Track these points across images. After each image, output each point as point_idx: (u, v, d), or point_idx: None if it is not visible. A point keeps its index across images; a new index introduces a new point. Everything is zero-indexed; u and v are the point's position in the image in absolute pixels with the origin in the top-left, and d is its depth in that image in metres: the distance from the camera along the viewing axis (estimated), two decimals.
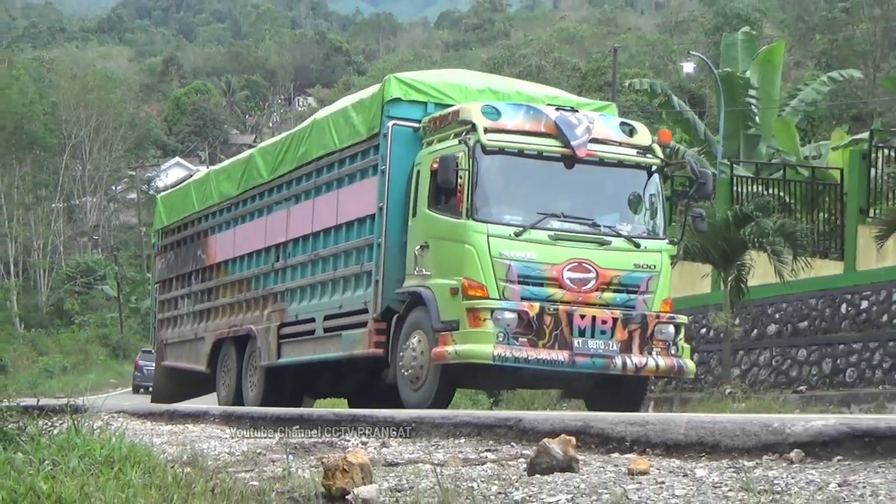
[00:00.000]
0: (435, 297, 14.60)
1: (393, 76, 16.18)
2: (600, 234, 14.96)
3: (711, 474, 6.94)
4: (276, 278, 19.15)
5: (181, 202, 23.96)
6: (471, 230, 14.31)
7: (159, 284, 24.83)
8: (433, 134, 15.58)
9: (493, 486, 6.93)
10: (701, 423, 8.39)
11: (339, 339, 16.78)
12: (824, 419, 7.82)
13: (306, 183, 18.41)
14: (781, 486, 6.38)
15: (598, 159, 14.95)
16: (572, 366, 14.19)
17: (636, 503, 6.11)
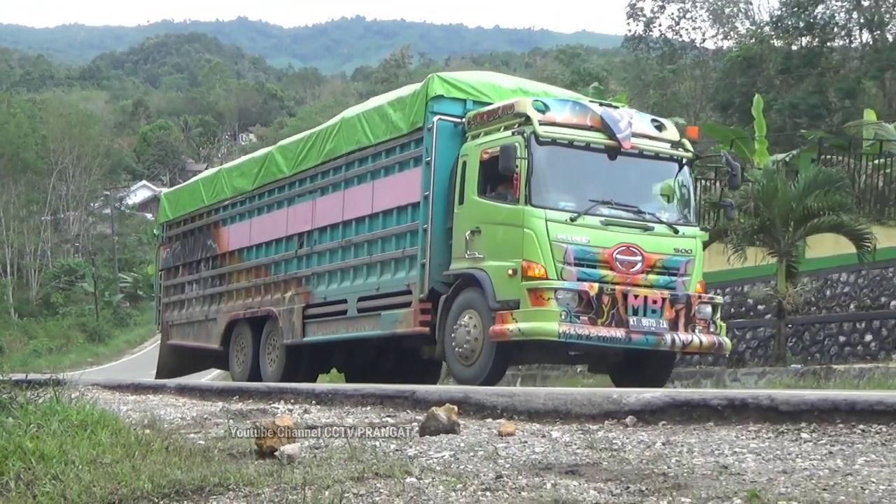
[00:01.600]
0: (490, 279, 13.04)
1: (436, 75, 14.71)
2: (644, 220, 13.58)
3: (564, 435, 7.01)
4: (300, 264, 17.28)
5: (188, 198, 21.96)
6: (529, 215, 12.80)
7: (164, 272, 22.60)
8: (479, 127, 13.98)
9: (392, 444, 6.95)
10: (556, 395, 8.47)
11: (378, 318, 15.04)
12: (652, 392, 7.93)
13: (334, 176, 16.55)
14: (618, 445, 6.47)
15: (639, 151, 13.69)
16: (628, 342, 12.86)
17: (504, 458, 6.14)
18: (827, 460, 5.49)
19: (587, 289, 12.58)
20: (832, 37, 35.51)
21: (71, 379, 10.44)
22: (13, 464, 6.10)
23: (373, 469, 5.81)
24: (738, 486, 4.97)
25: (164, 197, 23.71)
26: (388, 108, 15.33)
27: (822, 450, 5.81)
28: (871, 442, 5.89)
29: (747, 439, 6.34)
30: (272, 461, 6.27)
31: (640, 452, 6.11)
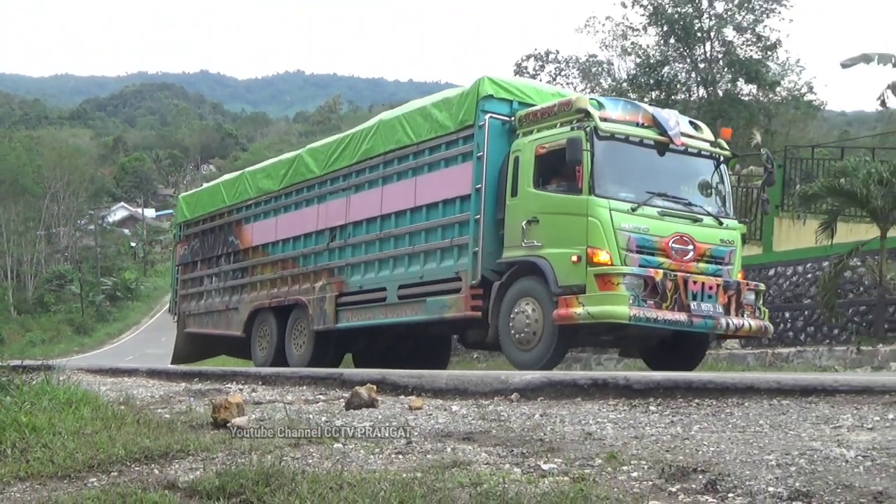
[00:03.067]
0: (552, 265, 11.40)
1: (485, 76, 12.97)
2: (694, 212, 12.11)
3: (462, 409, 7.02)
4: (332, 256, 15.34)
5: (208, 199, 19.77)
6: (594, 204, 11.23)
7: (181, 267, 20.24)
8: (531, 125, 12.29)
9: (323, 416, 6.92)
10: (456, 377, 8.47)
11: (423, 304, 13.23)
12: (532, 374, 7.96)
13: (371, 174, 14.67)
14: (505, 416, 6.49)
15: (685, 148, 12.26)
16: (690, 325, 11.42)
17: (413, 427, 6.15)
18: (669, 428, 5.57)
19: (653, 274, 11.18)
20: (675, 92, 36.01)
21: (59, 365, 10.37)
22: (10, 435, 6.01)
23: (307, 437, 5.79)
24: (599, 448, 5.04)
25: (181, 199, 21.43)
26: (432, 108, 13.69)
27: (665, 419, 5.90)
28: (703, 413, 5.98)
29: (607, 411, 6.40)
30: (225, 431, 6.21)
31: (523, 422, 6.15)
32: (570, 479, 4.39)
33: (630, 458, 4.72)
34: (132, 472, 5.11)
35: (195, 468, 5.07)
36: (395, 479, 4.40)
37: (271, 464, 4.76)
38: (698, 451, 4.76)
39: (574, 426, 5.86)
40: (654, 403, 6.48)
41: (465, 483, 4.30)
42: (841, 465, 4.21)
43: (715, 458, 4.55)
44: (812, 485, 3.95)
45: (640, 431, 5.50)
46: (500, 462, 4.90)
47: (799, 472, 4.15)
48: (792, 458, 4.38)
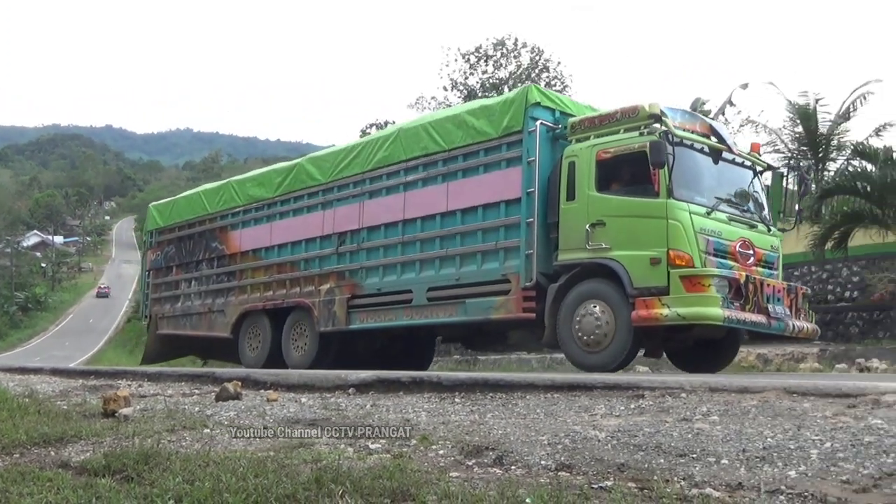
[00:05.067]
0: (625, 267, 9.33)
1: (532, 85, 11.14)
2: (751, 219, 10.33)
3: (309, 401, 6.91)
4: (342, 259, 12.78)
5: (185, 207, 16.68)
6: (675, 207, 9.28)
7: (152, 271, 17.08)
8: (586, 131, 10.20)
9: (196, 407, 6.71)
10: (306, 375, 8.36)
11: (461, 305, 10.93)
12: (366, 372, 7.91)
13: (389, 180, 12.24)
14: (343, 406, 6.42)
15: (734, 158, 10.46)
16: (769, 328, 9.60)
17: (270, 415, 6.03)
18: (469, 416, 5.62)
19: (737, 277, 9.33)
20: None
21: None
22: None
23: (182, 424, 5.61)
24: (415, 432, 5.04)
25: (152, 208, 18.05)
26: (466, 116, 11.44)
27: (467, 409, 5.94)
28: (496, 404, 6.05)
29: (423, 403, 6.41)
30: (113, 420, 5.95)
31: (357, 411, 6.10)
32: (391, 455, 4.38)
33: (438, 439, 4.74)
34: (32, 453, 4.82)
35: (86, 450, 4.82)
36: (252, 457, 4.30)
37: (150, 446, 4.57)
38: (490, 434, 4.83)
39: (397, 414, 5.85)
40: (458, 396, 6.53)
41: (309, 460, 4.24)
42: (595, 443, 4.34)
43: (503, 439, 4.62)
44: (573, 458, 4.06)
45: (447, 418, 5.53)
46: (337, 443, 4.84)
47: (564, 449, 4.25)
48: (559, 439, 4.48)
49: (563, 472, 3.85)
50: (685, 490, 3.41)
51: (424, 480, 3.69)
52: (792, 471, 3.56)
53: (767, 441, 4.05)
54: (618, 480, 3.62)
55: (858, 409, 4.71)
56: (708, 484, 3.48)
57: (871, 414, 4.53)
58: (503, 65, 37.09)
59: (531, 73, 36.43)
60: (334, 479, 3.71)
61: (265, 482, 3.71)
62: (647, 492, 3.42)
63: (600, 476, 3.73)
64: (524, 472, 3.92)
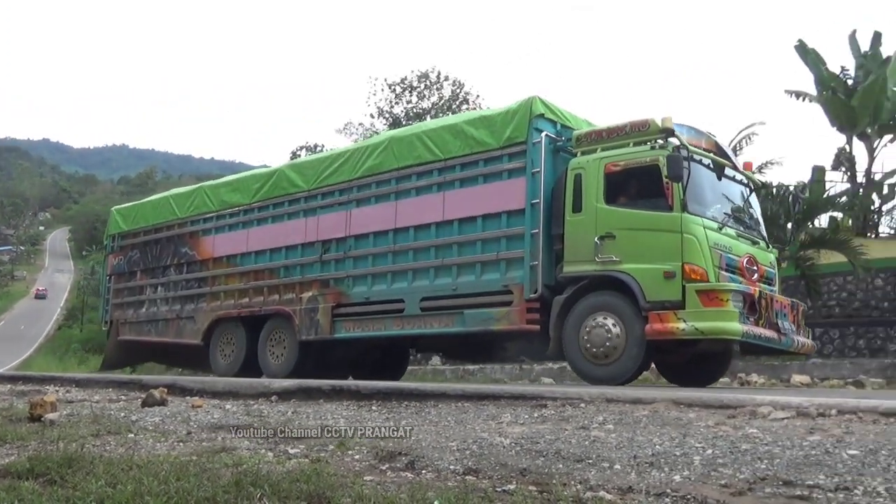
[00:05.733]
0: (637, 280, 8.66)
1: (536, 96, 10.11)
2: (754, 235, 9.77)
3: (233, 407, 6.78)
4: (325, 267, 11.79)
5: (151, 211, 15.28)
6: (689, 222, 8.64)
7: (114, 276, 15.53)
8: (592, 144, 9.55)
9: (122, 413, 6.50)
10: (231, 382, 8.18)
11: (458, 316, 10.06)
12: (289, 381, 7.80)
13: (379, 188, 11.34)
14: (265, 413, 6.31)
15: (733, 175, 9.90)
16: (779, 343, 8.90)
17: (194, 421, 5.87)
18: (385, 422, 5.58)
19: (752, 292, 8.69)
20: None
21: None
22: None
23: (107, 429, 5.41)
24: (333, 437, 4.98)
25: (115, 211, 16.48)
26: (465, 126, 10.59)
27: (383, 416, 5.91)
28: (410, 411, 6.03)
29: (342, 410, 6.34)
30: (39, 424, 5.71)
31: (278, 418, 6.00)
32: (309, 460, 4.31)
33: (355, 444, 4.69)
34: None
35: (10, 454, 4.61)
36: (175, 461, 4.18)
37: (75, 450, 4.40)
38: (404, 440, 4.80)
39: (316, 421, 5.77)
40: (375, 404, 6.49)
41: (230, 464, 4.14)
42: (500, 449, 4.35)
43: (415, 445, 4.60)
44: (480, 463, 4.06)
45: (363, 425, 5.48)
46: (259, 448, 4.74)
47: (472, 455, 4.26)
48: (467, 445, 4.49)
49: (470, 476, 3.85)
50: (581, 493, 3.44)
51: (340, 484, 3.64)
52: (677, 475, 3.63)
53: (656, 448, 4.14)
54: (520, 484, 3.64)
55: (737, 419, 4.85)
56: (602, 487, 3.53)
57: (748, 424, 4.67)
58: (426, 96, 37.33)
59: (452, 104, 36.72)
60: (254, 482, 3.63)
61: (186, 485, 3.61)
62: (546, 495, 3.44)
63: (504, 480, 3.74)
64: (434, 475, 3.91)
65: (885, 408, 4.72)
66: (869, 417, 4.67)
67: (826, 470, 3.53)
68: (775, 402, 5.08)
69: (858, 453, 3.77)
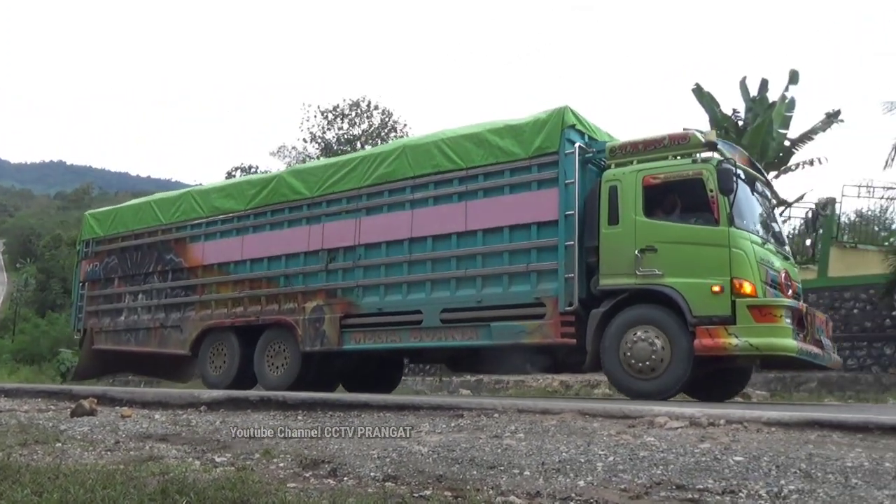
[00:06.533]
0: (683, 294, 7.99)
1: (567, 106, 9.26)
2: (784, 250, 9.19)
3: (162, 417, 6.57)
4: (332, 276, 10.74)
5: (131, 216, 13.88)
6: (737, 236, 8.02)
7: (88, 283, 14.07)
8: (628, 156, 8.91)
9: (51, 423, 6.23)
10: (161, 393, 7.94)
11: (484, 329, 9.21)
12: (218, 392, 7.61)
13: (391, 197, 10.39)
14: (194, 423, 6.14)
15: (766, 190, 9.30)
16: (822, 359, 8.25)
17: (122, 431, 5.67)
18: (310, 431, 5.49)
19: (800, 307, 8.08)
20: None
21: None
22: None
23: (35, 438, 5.18)
24: (259, 446, 4.87)
25: (89, 216, 14.88)
26: (488, 135, 9.74)
27: (308, 425, 5.81)
28: (334, 421, 5.95)
29: (269, 420, 6.22)
30: None
31: (206, 427, 5.85)
32: (235, 468, 4.21)
33: (280, 453, 4.60)
34: None
35: None
36: (102, 470, 4.02)
37: (1, 459, 4.20)
38: (327, 448, 4.73)
39: (244, 430, 5.63)
40: (301, 414, 6.39)
41: (156, 472, 4.01)
42: (418, 457, 4.33)
43: (338, 453, 4.54)
44: (399, 470, 4.03)
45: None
46: (186, 456, 4.61)
47: (391, 462, 4.22)
48: (388, 453, 4.45)
49: (389, 483, 3.82)
50: (492, 498, 3.45)
51: (264, 491, 3.57)
52: (581, 481, 3.68)
53: (563, 455, 4.18)
54: (436, 490, 3.63)
55: (637, 428, 4.95)
56: (512, 492, 3.54)
57: (647, 433, 4.77)
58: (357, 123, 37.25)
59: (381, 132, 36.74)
60: (179, 490, 3.53)
61: (112, 494, 3.47)
62: (460, 500, 3.44)
63: (421, 486, 3.73)
64: (355, 482, 3.86)
65: (768, 418, 4.89)
66: (753, 427, 4.83)
67: (714, 475, 3.63)
68: (671, 412, 5.20)
69: (743, 459, 3.89)
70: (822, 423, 4.72)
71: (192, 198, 12.97)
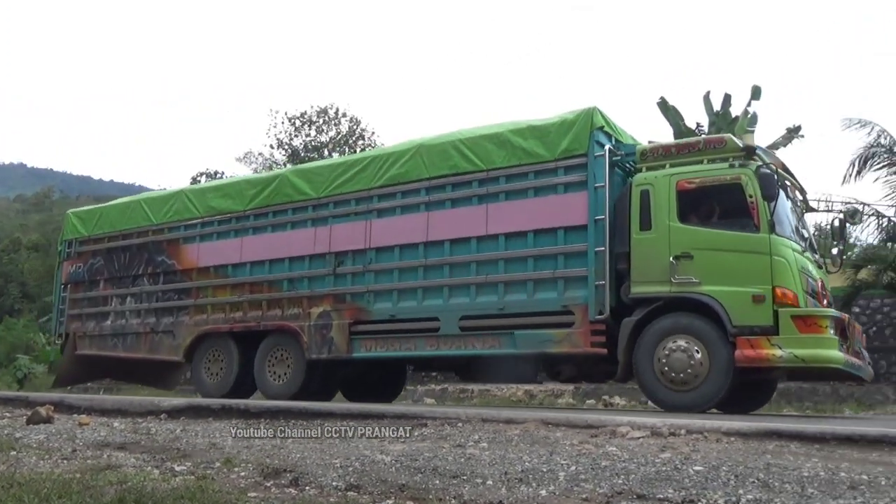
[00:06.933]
0: (722, 303, 7.62)
1: (595, 108, 8.88)
2: (817, 259, 8.77)
3: (121, 425, 6.47)
4: (342, 281, 10.16)
5: (118, 216, 13.08)
6: (779, 244, 7.66)
7: (71, 285, 13.22)
8: (660, 159, 8.52)
9: (6, 430, 6.10)
10: (120, 400, 7.82)
11: (507, 337, 8.73)
12: (178, 399, 7.52)
13: (405, 199, 9.87)
14: (154, 431, 6.05)
15: (798, 195, 8.93)
16: (863, 372, 7.90)
17: (80, 439, 5.57)
18: (272, 440, 5.45)
19: (843, 318, 7.77)
20: None
21: None
22: None
23: None
24: (220, 455, 4.82)
25: (72, 215, 14.01)
26: (511, 136, 9.26)
27: (270, 434, 5.76)
28: (298, 429, 5.90)
29: (230, 428, 6.14)
30: None
31: (166, 435, 5.76)
32: (195, 477, 4.15)
33: (241, 461, 4.55)
34: None
35: None
36: (58, 479, 3.94)
37: None
38: (289, 457, 4.69)
39: (204, 438, 5.57)
40: (264, 422, 6.32)
41: (114, 481, 3.93)
42: (381, 466, 4.31)
43: (300, 462, 4.50)
44: (361, 479, 4.01)
45: (251, 443, 5.33)
46: (144, 465, 4.54)
47: (354, 471, 4.20)
48: (350, 462, 4.43)
49: (351, 492, 3.79)
50: None
51: (224, 500, 3.52)
52: (543, 490, 3.69)
53: (525, 465, 4.19)
54: (398, 499, 3.61)
55: (599, 438, 4.98)
56: (475, 502, 3.54)
57: (609, 442, 4.80)
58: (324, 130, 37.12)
59: (349, 139, 36.65)
60: (137, 499, 3.47)
61: (68, 503, 3.41)
62: None
63: (384, 495, 3.71)
64: (317, 492, 3.83)
65: (727, 428, 4.95)
66: (713, 437, 4.89)
67: (674, 484, 3.66)
68: (633, 422, 5.25)
69: (703, 469, 3.94)
70: (781, 434, 4.80)
71: (185, 197, 12.32)
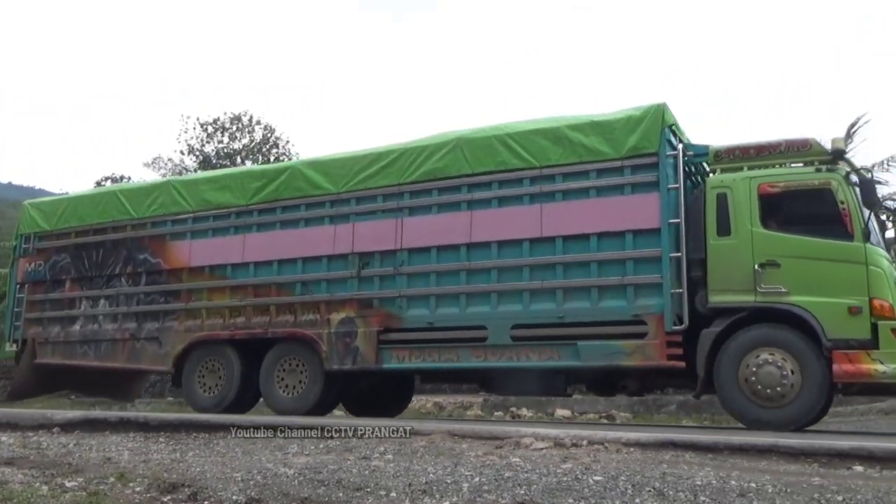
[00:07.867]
0: (815, 315, 7.13)
1: (664, 104, 8.22)
2: None
3: (10, 439, 6.14)
4: (368, 285, 9.21)
5: (89, 208, 11.55)
6: (874, 253, 7.24)
7: (29, 285, 11.65)
8: (736, 161, 7.95)
9: None
10: (10, 413, 7.42)
11: (569, 348, 7.96)
12: (73, 412, 7.18)
13: (442, 196, 9.01)
14: (45, 445, 5.77)
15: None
16: None
17: None
18: (171, 454, 5.28)
19: None
20: None
21: None
22: None
23: None
24: (115, 469, 4.63)
25: (30, 206, 12.26)
26: (568, 131, 8.55)
27: (170, 448, 5.58)
28: (198, 443, 5.75)
29: (128, 441, 5.93)
30: None
31: (58, 450, 5.50)
32: (87, 493, 3.97)
33: (137, 476, 4.39)
34: None
35: None
36: None
37: None
38: (189, 471, 4.55)
39: (99, 453, 5.35)
40: (163, 436, 6.13)
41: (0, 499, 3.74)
42: (284, 479, 4.24)
43: (199, 476, 4.37)
44: (263, 493, 3.93)
45: (149, 457, 5.15)
46: (33, 481, 4.31)
47: (255, 485, 4.11)
48: (252, 475, 4.33)
49: None
50: None
51: None
52: (447, 501, 3.69)
53: (430, 476, 4.19)
54: None
55: (504, 449, 5.03)
56: None
57: (513, 453, 4.86)
58: (238, 137, 36.45)
59: (262, 147, 36.09)
60: None
61: None
62: None
63: None
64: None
65: (627, 439, 5.08)
66: (613, 447, 5.01)
67: (575, 494, 3.73)
68: (537, 433, 5.32)
69: (602, 479, 4.02)
70: (677, 444, 4.95)
71: (173, 189, 11.01)
